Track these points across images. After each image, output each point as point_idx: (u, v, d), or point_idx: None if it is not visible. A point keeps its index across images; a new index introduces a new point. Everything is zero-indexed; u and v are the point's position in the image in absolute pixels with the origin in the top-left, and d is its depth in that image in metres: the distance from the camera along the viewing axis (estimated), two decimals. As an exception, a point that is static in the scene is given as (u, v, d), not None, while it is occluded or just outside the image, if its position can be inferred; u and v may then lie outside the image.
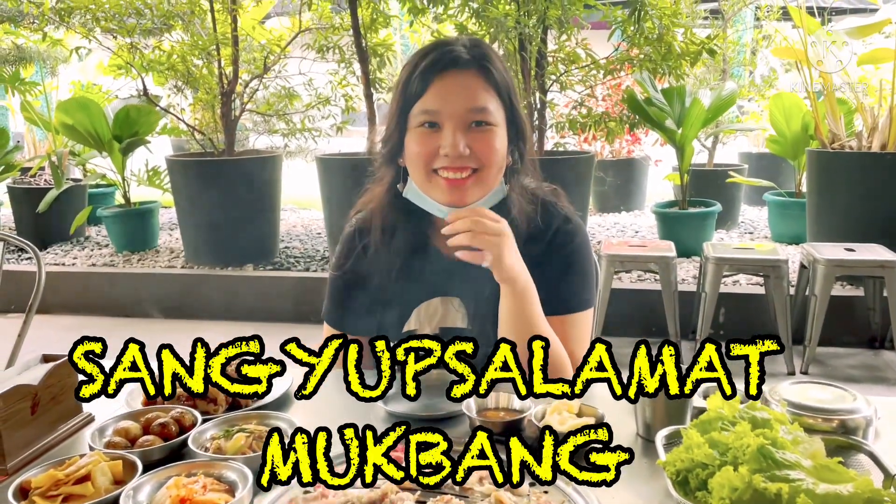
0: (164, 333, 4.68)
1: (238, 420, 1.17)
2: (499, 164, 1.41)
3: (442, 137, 1.38)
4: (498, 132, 1.40)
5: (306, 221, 6.85)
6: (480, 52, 1.41)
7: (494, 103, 1.40)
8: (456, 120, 1.37)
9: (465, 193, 1.39)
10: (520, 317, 1.39)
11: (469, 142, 1.37)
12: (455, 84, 1.38)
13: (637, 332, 4.31)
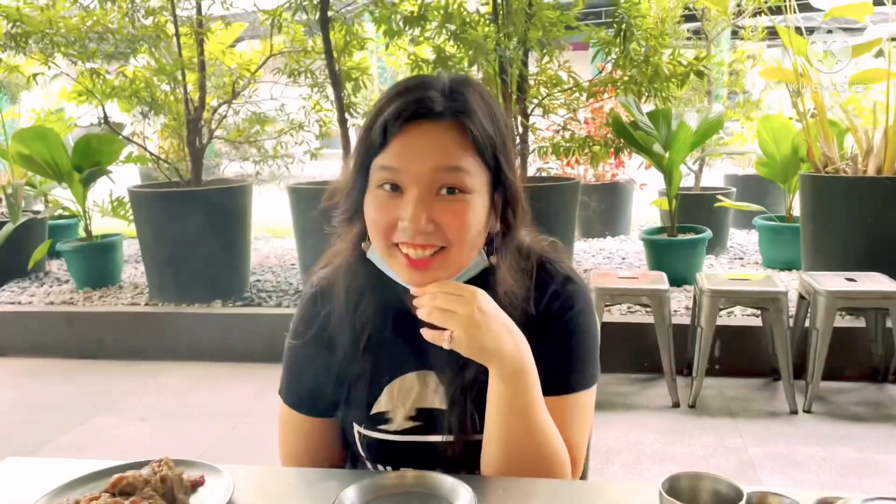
0: (125, 378, 4.37)
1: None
2: (471, 241, 1.15)
3: (402, 205, 1.12)
4: (473, 201, 1.13)
5: (280, 252, 6.56)
6: (460, 98, 1.14)
7: (472, 164, 1.13)
8: (421, 184, 1.11)
9: (427, 275, 1.14)
10: (511, 405, 1.14)
11: (435, 214, 1.11)
12: (422, 138, 1.12)
13: (629, 367, 4.09)
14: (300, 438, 1.35)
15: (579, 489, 1.18)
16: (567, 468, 1.19)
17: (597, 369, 1.28)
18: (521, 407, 1.14)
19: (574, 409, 1.24)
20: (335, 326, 1.29)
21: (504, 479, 1.20)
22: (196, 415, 3.77)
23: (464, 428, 1.21)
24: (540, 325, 1.24)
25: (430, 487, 1.14)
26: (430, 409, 1.25)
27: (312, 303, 1.34)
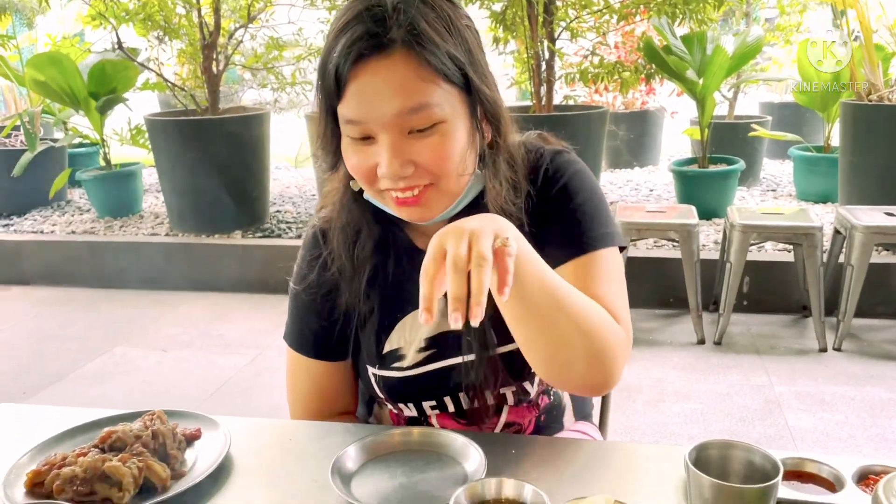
0: (146, 307, 4.38)
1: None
2: (457, 169, 1.05)
3: (377, 153, 1.02)
4: (450, 130, 1.02)
5: (301, 181, 6.47)
6: (408, 18, 0.99)
7: (439, 92, 1.01)
8: (389, 130, 1.01)
9: (424, 211, 1.07)
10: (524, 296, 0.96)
11: (411, 155, 1.02)
12: (377, 79, 0.99)
13: (654, 303, 4.00)
14: (308, 384, 1.29)
15: (599, 449, 1.11)
16: (620, 339, 1.04)
17: (612, 229, 1.15)
18: (534, 296, 0.96)
19: (595, 269, 1.10)
20: (337, 267, 1.21)
21: (517, 438, 1.14)
22: (216, 346, 3.78)
23: (484, 344, 1.13)
24: (542, 209, 1.15)
25: (436, 446, 1.07)
26: (441, 333, 1.18)
27: (313, 244, 1.26)
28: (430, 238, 0.93)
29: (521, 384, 1.20)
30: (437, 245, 0.86)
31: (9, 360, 3.72)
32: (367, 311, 1.22)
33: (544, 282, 0.95)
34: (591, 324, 0.99)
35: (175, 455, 1.03)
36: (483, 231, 0.84)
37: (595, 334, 0.99)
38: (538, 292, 0.94)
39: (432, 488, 0.98)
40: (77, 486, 0.95)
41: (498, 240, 0.85)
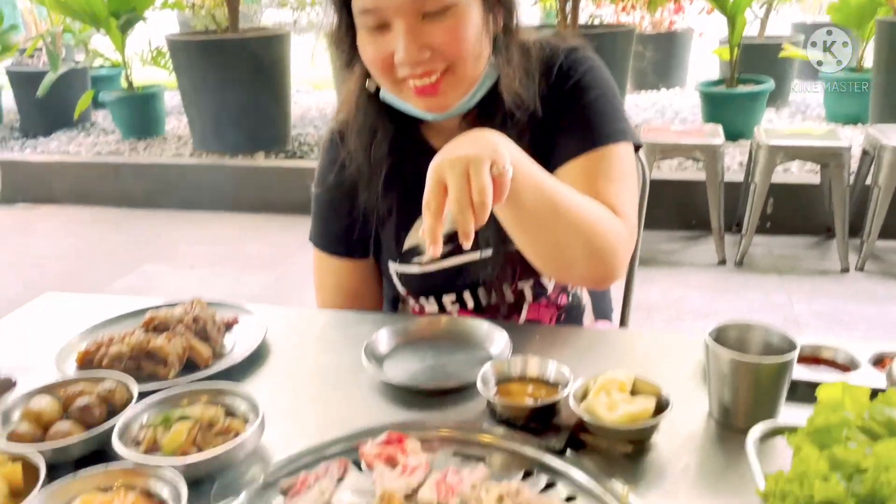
0: (172, 227, 4.46)
1: (183, 398, 0.90)
2: (474, 52, 1.07)
3: (393, 41, 1.03)
4: (464, 12, 1.03)
5: (321, 104, 6.43)
6: None
7: None
8: (404, 15, 1.02)
9: (442, 99, 1.09)
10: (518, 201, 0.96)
11: (427, 38, 1.03)
12: None
13: (676, 224, 3.99)
14: (334, 282, 1.33)
15: (620, 337, 1.15)
16: (619, 233, 1.05)
17: (625, 125, 1.16)
18: (530, 203, 0.97)
19: (605, 164, 1.12)
20: (355, 168, 1.24)
21: (540, 326, 1.17)
22: (241, 264, 3.85)
23: (502, 239, 1.16)
24: (555, 103, 1.16)
25: (463, 332, 1.11)
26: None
27: (331, 147, 1.29)
28: (446, 137, 0.95)
29: (539, 279, 1.23)
30: (437, 177, 0.87)
31: (42, 275, 3.83)
32: (385, 210, 1.24)
33: (541, 188, 0.97)
34: (588, 224, 1.01)
35: (215, 338, 1.09)
36: (480, 159, 0.85)
37: (593, 233, 1.02)
38: (534, 199, 0.96)
39: (460, 369, 1.03)
40: (124, 362, 1.01)
41: (494, 167, 0.86)
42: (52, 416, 0.87)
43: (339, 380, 1.03)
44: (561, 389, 0.90)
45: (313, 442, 0.87)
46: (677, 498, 0.76)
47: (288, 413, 0.95)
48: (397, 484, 0.78)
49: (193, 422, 0.83)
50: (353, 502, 0.77)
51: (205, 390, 0.91)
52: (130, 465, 0.78)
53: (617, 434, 0.83)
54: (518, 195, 0.93)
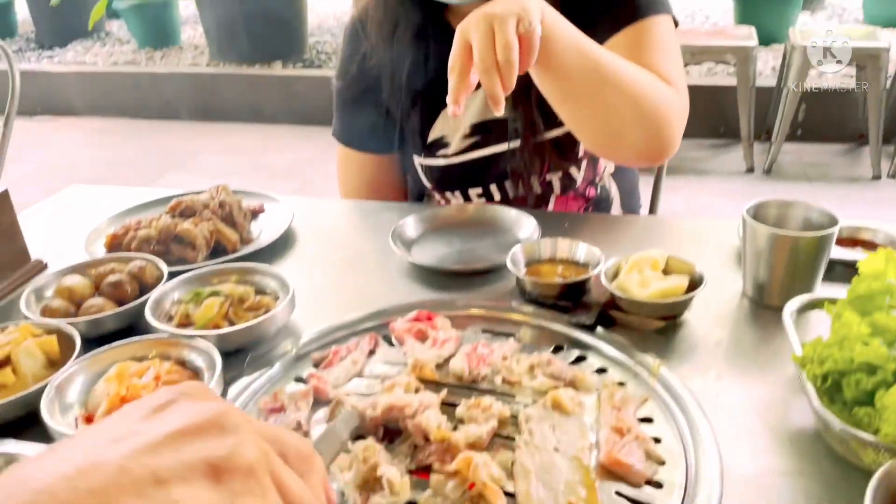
0: (192, 138, 4.44)
1: (213, 277, 0.90)
2: None
3: None
4: None
5: (339, 12, 6.26)
6: None
7: None
8: None
9: None
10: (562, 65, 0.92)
11: None
12: None
13: (704, 132, 3.89)
14: (358, 177, 1.31)
15: (652, 223, 1.12)
16: (671, 101, 1.00)
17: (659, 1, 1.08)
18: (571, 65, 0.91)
19: (647, 37, 1.06)
20: (378, 57, 1.19)
21: (569, 214, 1.15)
22: (263, 174, 3.84)
23: (533, 128, 1.13)
24: None
25: (491, 218, 1.09)
26: (485, 121, 1.17)
27: (353, 37, 1.24)
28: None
29: (567, 170, 1.20)
30: (462, 37, 0.82)
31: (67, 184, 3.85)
32: (409, 101, 1.21)
33: (583, 51, 0.91)
34: (637, 87, 0.95)
35: (242, 224, 1.08)
36: (506, 16, 0.80)
37: (643, 98, 0.96)
38: (576, 62, 0.91)
39: (488, 253, 1.02)
40: (153, 246, 1.01)
41: (521, 24, 0.81)
42: (84, 292, 0.88)
43: (366, 264, 1.03)
44: (591, 269, 0.89)
45: (343, 319, 0.87)
46: (709, 371, 0.76)
47: (317, 293, 0.95)
48: (428, 355, 0.78)
49: (224, 297, 0.84)
50: (384, 373, 0.78)
51: (234, 269, 0.91)
52: (165, 335, 0.78)
53: (649, 309, 0.82)
54: (558, 58, 0.88)
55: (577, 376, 0.74)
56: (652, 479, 0.63)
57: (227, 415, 0.34)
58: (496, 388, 0.74)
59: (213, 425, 0.33)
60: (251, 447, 0.34)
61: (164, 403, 0.34)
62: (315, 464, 0.38)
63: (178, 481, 0.30)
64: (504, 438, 0.67)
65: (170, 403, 0.34)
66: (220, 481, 0.32)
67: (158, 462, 0.31)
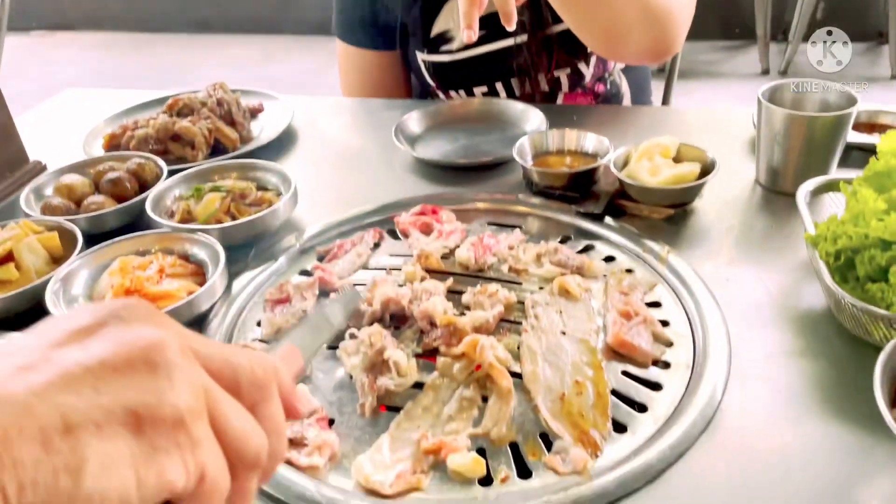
0: (192, 50, 4.34)
1: (213, 173, 0.88)
2: None
3: None
4: None
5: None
6: None
7: None
8: None
9: None
10: None
11: None
12: None
13: (718, 34, 3.77)
14: (359, 76, 1.27)
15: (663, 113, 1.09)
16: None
17: None
18: None
19: None
20: None
21: (578, 107, 1.12)
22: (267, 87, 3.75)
23: (540, 22, 1.08)
24: None
25: (497, 112, 1.06)
26: (491, 13, 1.13)
27: None
28: None
29: (576, 65, 1.16)
30: None
31: (68, 101, 3.80)
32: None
33: None
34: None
35: (241, 122, 1.05)
36: None
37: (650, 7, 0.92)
38: None
39: (494, 147, 0.99)
40: (151, 145, 0.99)
41: None
42: (83, 190, 0.87)
43: (370, 160, 1.01)
44: (600, 159, 0.87)
45: (347, 214, 0.86)
46: (720, 256, 0.74)
47: (320, 189, 0.93)
48: (433, 245, 0.77)
49: (226, 192, 0.82)
50: (389, 264, 0.77)
51: (235, 165, 0.89)
52: (167, 231, 0.77)
53: (659, 196, 0.80)
54: None
55: (585, 263, 0.73)
56: (659, 359, 0.63)
57: (161, 348, 0.28)
58: (502, 276, 0.74)
59: (142, 361, 0.28)
60: (184, 392, 0.28)
61: (90, 325, 0.29)
62: (270, 389, 0.33)
63: (91, 430, 0.26)
64: (511, 323, 0.67)
65: (97, 326, 0.29)
66: (142, 433, 0.27)
67: (71, 403, 0.26)
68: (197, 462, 0.28)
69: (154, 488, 0.27)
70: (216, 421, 0.30)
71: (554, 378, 0.60)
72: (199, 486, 0.28)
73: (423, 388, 0.61)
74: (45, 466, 0.24)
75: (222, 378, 0.31)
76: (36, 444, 0.24)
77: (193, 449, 0.28)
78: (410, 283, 0.71)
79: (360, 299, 0.66)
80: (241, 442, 0.31)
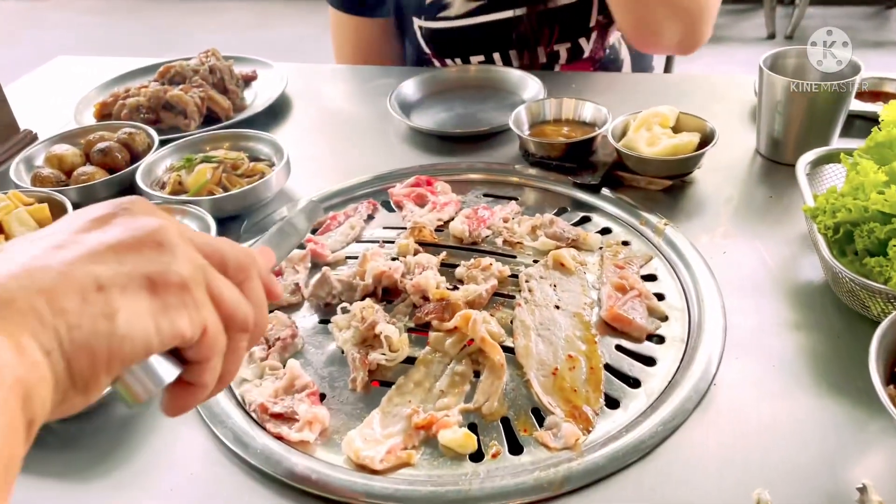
0: (190, 15, 4.27)
1: (205, 143, 0.87)
2: None
3: None
4: None
5: None
6: None
7: None
8: None
9: None
10: None
11: None
12: None
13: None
14: (353, 44, 1.24)
15: (664, 80, 1.07)
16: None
17: None
18: None
19: None
20: None
21: (577, 74, 1.10)
22: (264, 52, 3.67)
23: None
24: None
25: (494, 80, 1.04)
26: None
27: None
28: None
29: (577, 41, 1.14)
30: None
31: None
32: None
33: None
34: None
35: (234, 90, 1.04)
36: None
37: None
38: None
39: (490, 116, 0.98)
40: (143, 114, 0.97)
41: None
42: (74, 160, 0.86)
43: (364, 129, 0.99)
44: (598, 129, 0.85)
45: (340, 185, 0.85)
46: (717, 228, 0.73)
47: (313, 160, 0.92)
48: (427, 218, 0.76)
49: (217, 163, 0.81)
50: (382, 236, 0.76)
51: (227, 135, 0.88)
52: (158, 202, 0.76)
53: (656, 167, 0.79)
54: None
55: (581, 235, 0.72)
56: (654, 333, 0.63)
57: (164, 232, 0.35)
58: (497, 249, 0.73)
59: (151, 241, 0.34)
60: (186, 264, 0.35)
61: (104, 216, 0.35)
62: (251, 271, 0.40)
63: (118, 289, 0.32)
64: (504, 297, 0.66)
65: (110, 217, 0.35)
66: (157, 293, 0.34)
67: (100, 270, 0.32)
68: (200, 317, 0.35)
69: (168, 335, 0.33)
70: (211, 291, 0.37)
71: (547, 352, 0.60)
72: (202, 338, 0.36)
73: (415, 362, 0.60)
74: (87, 312, 0.31)
75: (212, 260, 0.38)
76: (77, 297, 0.31)
77: (197, 308, 0.35)
78: (403, 257, 0.70)
79: (322, 210, 0.65)
80: (233, 308, 0.38)
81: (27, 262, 0.31)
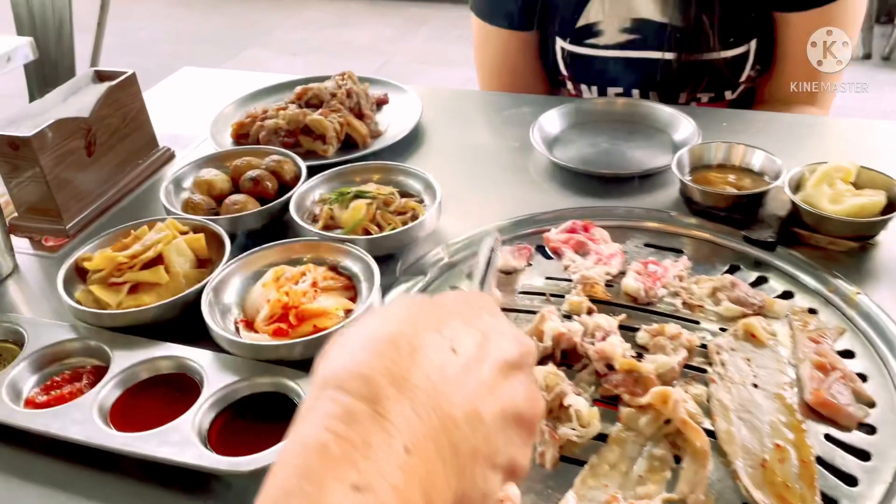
0: (271, 11, 4.32)
1: (354, 174, 0.84)
2: None
3: None
4: None
5: None
6: None
7: None
8: None
9: None
10: None
11: None
12: None
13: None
14: (496, 56, 1.19)
15: (824, 123, 1.02)
16: None
17: None
18: None
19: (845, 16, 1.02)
20: None
21: (728, 112, 1.04)
22: (343, 51, 3.72)
23: (698, 44, 1.02)
24: None
25: (642, 116, 1.00)
26: (650, 20, 1.05)
27: None
28: None
29: (722, 91, 1.09)
30: None
31: (148, 58, 3.81)
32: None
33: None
34: None
35: (369, 115, 1.02)
36: None
37: None
38: None
39: (640, 154, 0.93)
40: (282, 137, 0.96)
41: None
42: (222, 186, 0.84)
43: (503, 162, 0.96)
44: (770, 179, 0.80)
45: (488, 225, 0.81)
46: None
47: (455, 195, 0.88)
48: (595, 272, 0.72)
49: (371, 198, 0.78)
50: (546, 288, 0.73)
51: (376, 167, 0.86)
52: (316, 238, 0.74)
53: (840, 227, 0.73)
54: None
55: (767, 302, 0.67)
56: (863, 421, 0.58)
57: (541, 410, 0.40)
58: (676, 312, 0.68)
59: (533, 424, 0.39)
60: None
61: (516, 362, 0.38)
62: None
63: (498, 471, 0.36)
64: (693, 370, 0.62)
65: (519, 367, 0.38)
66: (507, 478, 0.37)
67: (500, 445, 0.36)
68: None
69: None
70: None
71: (751, 439, 0.55)
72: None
73: (607, 440, 0.57)
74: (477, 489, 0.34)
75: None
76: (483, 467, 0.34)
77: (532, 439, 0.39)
78: (578, 316, 0.66)
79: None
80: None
81: (470, 399, 0.34)
